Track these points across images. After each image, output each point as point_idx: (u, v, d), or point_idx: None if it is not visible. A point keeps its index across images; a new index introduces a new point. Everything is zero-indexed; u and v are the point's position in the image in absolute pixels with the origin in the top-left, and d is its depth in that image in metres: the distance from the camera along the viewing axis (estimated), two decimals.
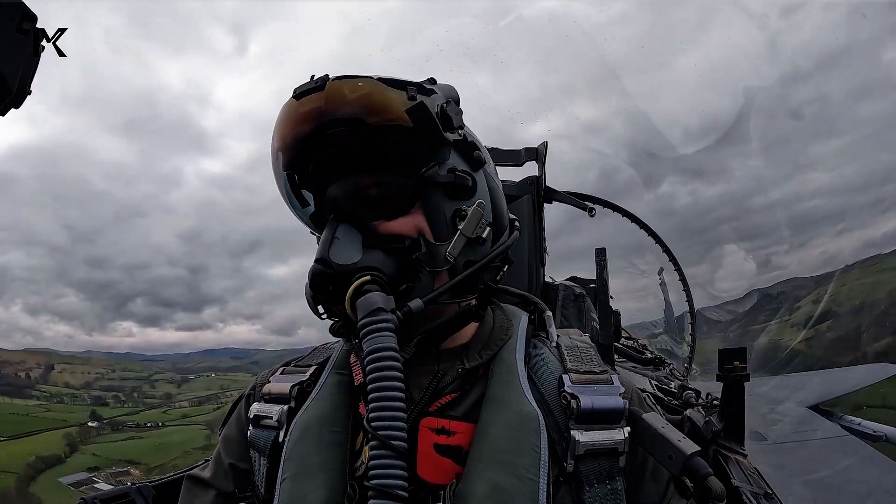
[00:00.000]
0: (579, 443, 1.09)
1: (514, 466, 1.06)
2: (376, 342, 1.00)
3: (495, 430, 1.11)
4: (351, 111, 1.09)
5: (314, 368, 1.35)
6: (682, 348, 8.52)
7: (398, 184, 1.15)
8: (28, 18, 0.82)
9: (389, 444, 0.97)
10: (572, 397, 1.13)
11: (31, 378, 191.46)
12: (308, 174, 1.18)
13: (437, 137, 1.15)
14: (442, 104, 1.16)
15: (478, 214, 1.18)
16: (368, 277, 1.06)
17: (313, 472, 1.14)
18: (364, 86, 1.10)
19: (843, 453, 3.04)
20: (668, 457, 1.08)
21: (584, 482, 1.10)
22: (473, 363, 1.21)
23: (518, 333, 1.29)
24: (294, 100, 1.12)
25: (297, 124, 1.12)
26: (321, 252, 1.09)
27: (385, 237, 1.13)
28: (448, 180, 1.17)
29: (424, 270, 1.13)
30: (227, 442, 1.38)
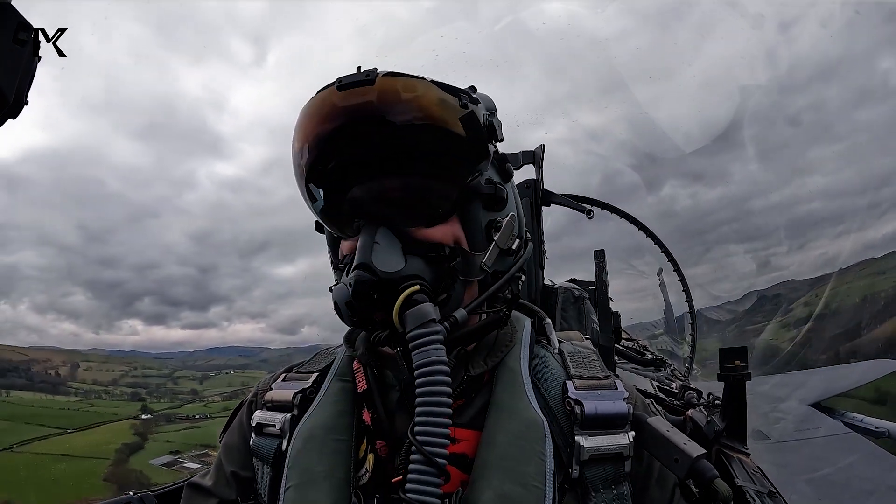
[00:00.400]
0: (584, 448, 1.10)
1: (520, 474, 1.06)
2: (428, 355, 1.00)
3: (501, 438, 1.11)
4: (404, 111, 1.07)
5: (316, 375, 1.34)
6: (683, 348, 8.52)
7: (443, 191, 1.14)
8: (24, 28, 0.83)
9: (434, 462, 0.96)
10: (576, 403, 1.13)
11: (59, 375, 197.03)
12: (334, 170, 1.14)
13: (484, 148, 1.15)
14: (486, 115, 1.16)
15: (510, 226, 1.21)
16: (418, 287, 1.05)
17: (317, 481, 1.14)
18: (419, 87, 1.09)
19: (845, 450, 3.04)
20: (675, 460, 1.09)
21: (589, 488, 1.10)
22: (478, 370, 1.21)
23: (522, 340, 1.29)
24: (336, 90, 1.08)
25: (338, 117, 1.09)
26: (363, 257, 1.07)
27: (424, 244, 1.12)
28: (489, 191, 1.17)
29: (458, 280, 1.14)
30: (228, 450, 1.37)
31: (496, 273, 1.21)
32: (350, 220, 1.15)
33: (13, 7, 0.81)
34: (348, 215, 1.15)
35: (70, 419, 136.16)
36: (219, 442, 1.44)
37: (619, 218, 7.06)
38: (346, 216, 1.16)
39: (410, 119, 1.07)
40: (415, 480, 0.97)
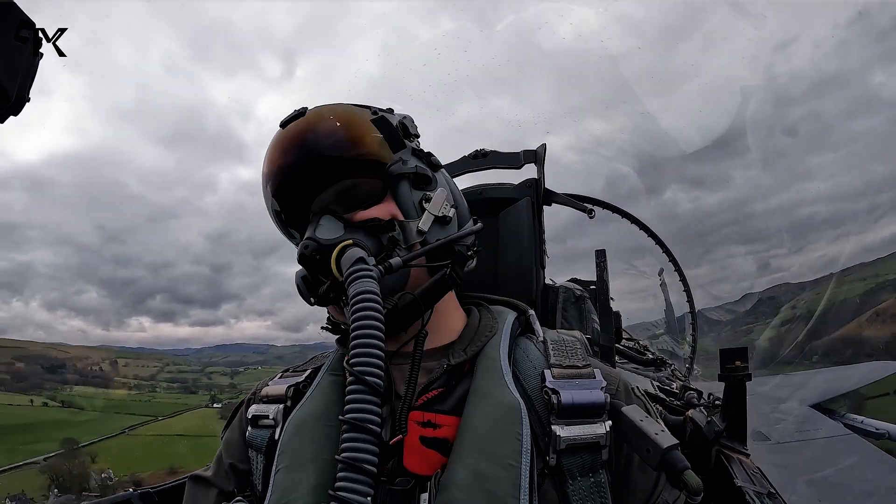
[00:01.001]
0: (560, 437, 1.13)
1: (496, 454, 1.10)
2: (359, 286, 1.07)
3: (478, 421, 1.15)
4: (327, 127, 1.27)
5: (310, 371, 1.44)
6: (684, 348, 8.52)
7: (368, 180, 1.29)
8: (26, 26, 0.83)
9: (364, 380, 1.01)
10: (553, 392, 1.18)
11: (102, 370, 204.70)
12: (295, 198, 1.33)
13: (398, 141, 1.33)
14: (401, 119, 1.37)
15: (441, 196, 1.35)
16: (351, 241, 1.18)
17: (305, 463, 1.19)
18: (339, 108, 1.31)
19: (846, 451, 3.03)
20: (646, 450, 1.11)
21: (566, 476, 1.14)
22: (458, 359, 1.28)
23: (504, 330, 1.35)
24: (280, 127, 1.32)
25: (284, 149, 1.29)
26: (308, 234, 1.24)
27: (362, 221, 1.26)
28: (411, 171, 1.32)
29: (400, 246, 1.26)
30: (227, 444, 1.45)
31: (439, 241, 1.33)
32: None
33: (15, 5, 0.81)
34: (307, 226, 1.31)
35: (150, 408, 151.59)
36: (220, 438, 1.51)
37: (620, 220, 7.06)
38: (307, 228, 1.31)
39: (333, 132, 1.28)
40: (351, 401, 1.01)
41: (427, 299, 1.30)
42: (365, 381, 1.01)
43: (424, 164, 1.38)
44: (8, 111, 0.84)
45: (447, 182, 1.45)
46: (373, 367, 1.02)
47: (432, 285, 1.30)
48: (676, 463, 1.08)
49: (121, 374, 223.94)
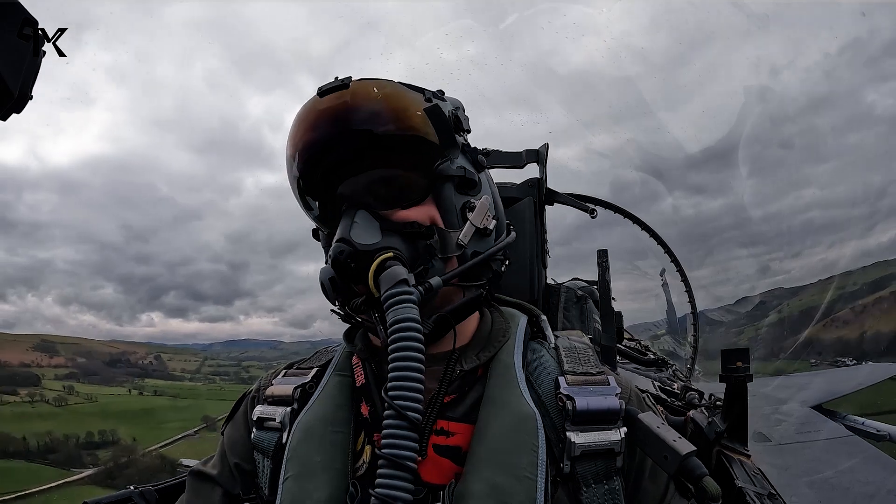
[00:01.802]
0: (575, 444, 1.11)
1: (512, 466, 1.08)
2: (400, 313, 1.03)
3: (493, 431, 1.13)
4: (375, 108, 1.16)
5: (316, 370, 1.38)
6: (685, 349, 8.50)
7: (414, 176, 1.20)
8: (29, 23, 0.83)
9: (405, 415, 0.98)
10: (568, 399, 1.15)
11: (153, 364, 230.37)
12: (323, 172, 1.22)
13: (449, 137, 1.23)
14: (452, 109, 1.25)
15: (485, 206, 1.26)
16: (391, 254, 1.10)
17: (315, 472, 1.16)
18: (388, 86, 1.18)
19: (846, 453, 3.03)
20: (664, 457, 1.10)
21: (581, 483, 1.12)
22: (471, 365, 1.24)
23: (517, 335, 1.31)
24: (317, 96, 1.18)
25: (319, 120, 1.17)
26: (342, 233, 1.14)
27: (400, 223, 1.17)
28: (458, 174, 1.23)
29: (437, 256, 1.18)
30: (231, 441, 1.40)
31: (476, 253, 1.24)
32: (336, 216, 1.21)
33: (18, 3, 0.81)
34: (334, 211, 1.22)
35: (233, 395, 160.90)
36: (221, 433, 1.47)
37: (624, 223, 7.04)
38: (332, 213, 1.22)
39: (381, 114, 1.16)
40: (388, 436, 0.98)
41: (457, 316, 1.25)
42: (406, 416, 0.99)
43: (471, 165, 1.29)
44: (11, 108, 0.84)
45: (490, 185, 1.35)
46: (413, 401, 0.99)
47: (466, 304, 1.26)
48: (695, 469, 1.07)
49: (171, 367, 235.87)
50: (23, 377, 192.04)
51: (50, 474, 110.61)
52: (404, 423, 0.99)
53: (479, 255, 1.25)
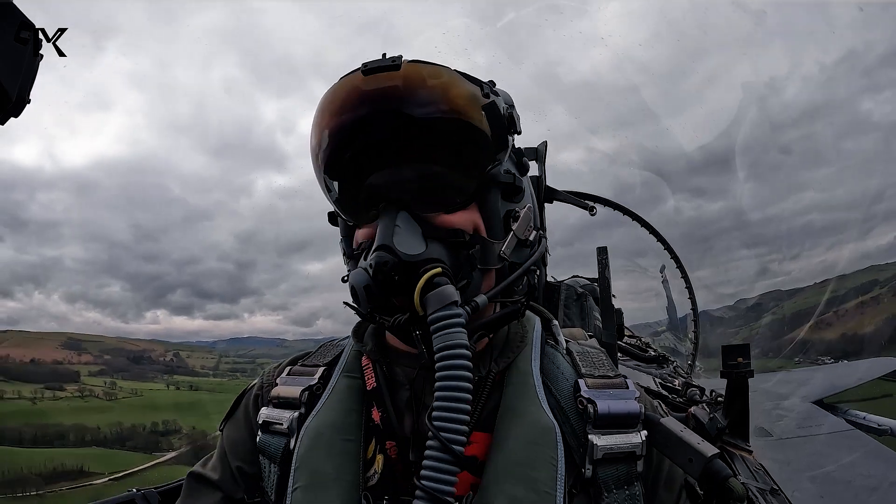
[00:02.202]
0: (597, 447, 1.08)
1: (532, 480, 1.05)
2: (450, 338, 0.97)
3: (512, 443, 1.09)
4: (428, 98, 1.06)
5: (323, 370, 1.30)
6: (685, 345, 8.50)
7: (463, 179, 1.12)
8: (26, 27, 0.83)
9: (450, 449, 0.93)
10: (589, 402, 1.11)
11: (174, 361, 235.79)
12: (353, 157, 1.13)
13: (504, 138, 1.14)
14: (506, 107, 1.16)
15: (528, 217, 1.20)
16: (440, 270, 1.02)
17: (326, 483, 1.12)
18: (444, 74, 1.08)
19: (848, 448, 3.03)
20: (689, 460, 1.08)
21: (602, 488, 1.09)
22: (491, 372, 1.19)
23: (534, 341, 1.27)
24: (361, 74, 1.07)
25: (363, 101, 1.08)
26: (384, 238, 1.04)
27: (444, 230, 1.10)
28: (507, 181, 1.16)
29: (477, 268, 1.12)
30: (233, 443, 1.32)
31: (513, 264, 1.18)
32: (368, 208, 1.13)
33: (15, 6, 0.81)
34: (367, 202, 1.13)
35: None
36: (219, 430, 1.40)
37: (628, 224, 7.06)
38: (365, 203, 1.13)
39: (435, 105, 1.06)
40: (430, 468, 0.93)
41: (491, 330, 1.20)
42: (451, 449, 0.93)
43: (516, 168, 1.21)
44: (9, 112, 0.84)
45: (530, 191, 1.28)
46: (459, 433, 0.94)
47: (501, 318, 1.19)
48: (721, 471, 1.06)
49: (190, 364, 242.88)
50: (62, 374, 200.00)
51: (135, 458, 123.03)
52: (448, 456, 0.93)
53: (519, 269, 1.19)
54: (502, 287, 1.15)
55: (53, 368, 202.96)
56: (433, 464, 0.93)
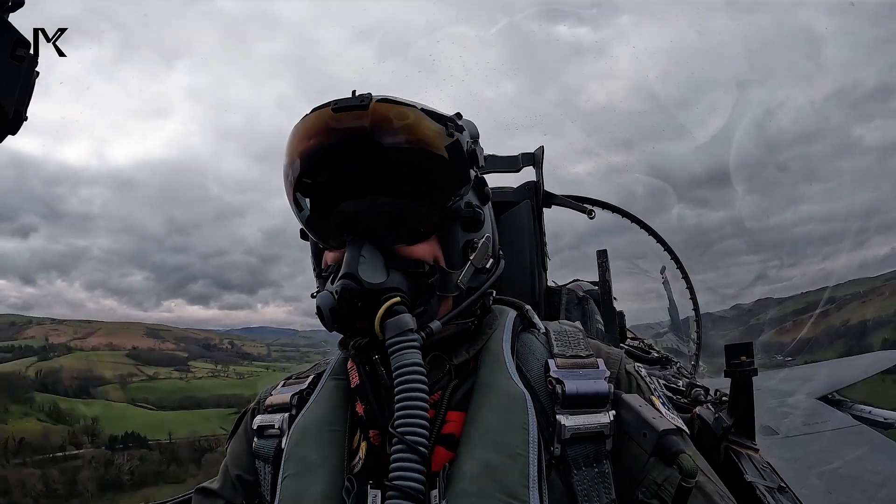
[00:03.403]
0: (565, 427, 1.14)
1: (504, 445, 1.11)
2: (405, 358, 1.08)
3: (484, 413, 1.16)
4: (394, 137, 1.15)
5: (313, 378, 1.43)
6: (688, 346, 8.50)
7: (425, 212, 1.21)
8: (22, 45, 0.83)
9: (415, 449, 1.04)
10: (557, 382, 1.18)
11: (233, 348, 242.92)
12: (323, 183, 1.22)
13: (466, 174, 1.24)
14: (470, 142, 1.25)
15: (486, 247, 1.29)
16: (398, 299, 1.14)
17: (312, 469, 1.19)
18: (410, 114, 1.17)
19: (854, 443, 3.01)
20: (643, 434, 1.12)
21: (571, 466, 1.14)
22: (462, 359, 1.28)
23: (505, 325, 1.35)
24: (331, 111, 1.17)
25: (331, 136, 1.17)
26: (349, 267, 1.14)
27: (406, 261, 1.20)
28: (467, 215, 1.25)
29: (435, 295, 1.23)
30: (233, 455, 1.45)
31: (470, 289, 1.29)
32: (336, 233, 1.23)
33: (10, 23, 0.81)
34: (336, 228, 1.23)
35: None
36: (225, 448, 1.51)
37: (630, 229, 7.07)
38: (334, 229, 1.23)
39: (400, 144, 1.16)
40: (398, 468, 1.03)
41: (448, 348, 1.30)
42: (417, 450, 1.04)
43: (477, 200, 1.31)
44: (6, 129, 0.84)
45: (490, 220, 1.37)
46: (421, 436, 1.05)
47: (456, 335, 1.31)
48: (671, 446, 1.08)
49: (247, 351, 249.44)
50: (174, 358, 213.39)
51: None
52: (414, 456, 1.04)
53: (474, 294, 1.30)
54: (456, 312, 1.26)
55: (162, 354, 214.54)
56: (400, 464, 1.03)
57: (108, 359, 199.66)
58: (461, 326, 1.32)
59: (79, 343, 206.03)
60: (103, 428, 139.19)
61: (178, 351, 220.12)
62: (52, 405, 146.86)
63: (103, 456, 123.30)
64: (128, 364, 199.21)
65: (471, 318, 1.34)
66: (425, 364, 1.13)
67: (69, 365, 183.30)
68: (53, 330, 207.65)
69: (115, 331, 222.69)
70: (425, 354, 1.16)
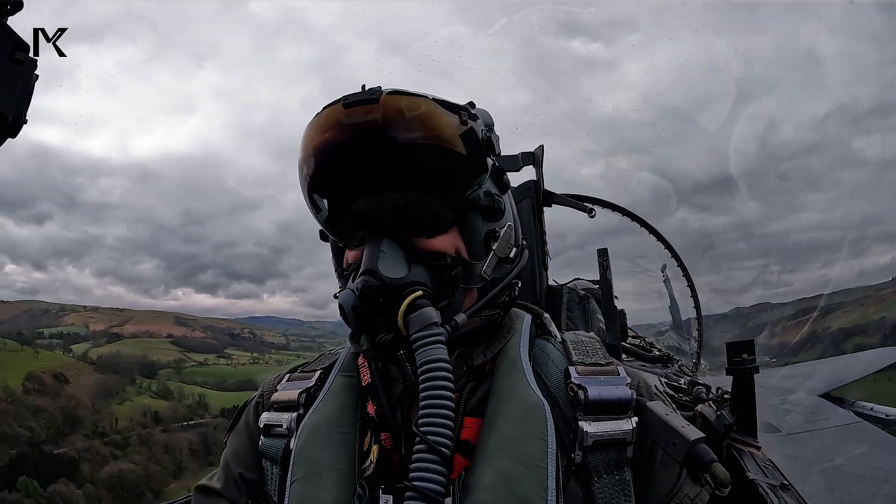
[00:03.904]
0: (587, 433, 1.12)
1: (522, 455, 1.08)
2: (430, 353, 1.05)
3: (501, 421, 1.13)
4: (407, 129, 1.13)
5: (319, 373, 1.38)
6: (690, 344, 8.48)
7: (443, 204, 1.18)
8: (20, 48, 0.83)
9: (438, 450, 1.01)
10: (579, 388, 1.15)
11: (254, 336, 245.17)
12: (338, 181, 1.20)
13: (482, 162, 1.21)
14: (484, 130, 1.22)
15: (508, 236, 1.26)
16: (421, 293, 1.10)
17: (322, 473, 1.16)
18: (422, 105, 1.14)
19: (856, 440, 3.01)
20: (672, 444, 1.10)
21: (592, 473, 1.12)
22: (479, 361, 1.25)
23: (522, 331, 1.31)
24: (342, 107, 1.14)
25: (343, 132, 1.14)
26: (369, 264, 1.12)
27: (426, 253, 1.17)
28: (487, 204, 1.22)
29: (459, 287, 1.19)
30: (234, 451, 1.41)
31: (494, 280, 1.25)
32: (354, 231, 1.20)
33: (9, 27, 0.81)
34: (352, 226, 1.20)
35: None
36: (224, 441, 1.47)
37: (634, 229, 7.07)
38: (351, 227, 1.20)
39: (413, 136, 1.13)
40: (419, 469, 1.00)
41: (473, 342, 1.27)
42: (439, 451, 1.01)
43: (496, 187, 1.27)
44: (5, 133, 0.84)
45: (511, 208, 1.34)
46: (445, 437, 1.02)
47: (481, 328, 1.28)
48: (704, 455, 1.07)
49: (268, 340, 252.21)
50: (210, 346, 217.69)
51: None
52: (437, 457, 1.01)
53: (499, 285, 1.26)
54: (482, 304, 1.23)
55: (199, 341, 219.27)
56: (421, 465, 1.00)
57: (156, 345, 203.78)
58: (487, 318, 1.28)
59: (118, 330, 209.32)
60: (209, 402, 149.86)
61: (208, 339, 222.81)
62: (158, 385, 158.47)
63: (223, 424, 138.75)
64: (174, 350, 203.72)
65: (497, 309, 1.31)
66: (451, 360, 1.09)
67: (125, 351, 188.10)
68: (90, 317, 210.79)
69: (146, 319, 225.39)
70: (451, 350, 1.13)
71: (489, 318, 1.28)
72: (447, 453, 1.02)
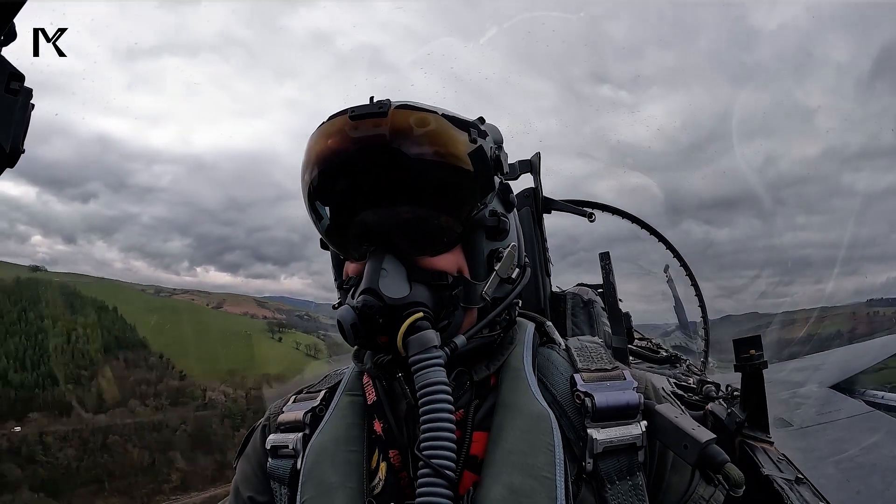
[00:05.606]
0: (597, 441, 1.11)
1: (530, 467, 1.07)
2: (430, 377, 1.03)
3: (507, 434, 1.12)
4: (415, 144, 1.10)
5: (324, 393, 1.37)
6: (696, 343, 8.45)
7: (449, 222, 1.16)
8: (16, 78, 0.83)
9: (442, 473, 0.99)
10: (586, 395, 1.14)
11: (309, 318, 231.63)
12: (342, 192, 1.17)
13: (490, 181, 1.19)
14: (493, 148, 1.19)
15: (511, 256, 1.23)
16: (421, 314, 1.09)
17: (331, 492, 1.15)
18: (431, 121, 1.12)
19: (869, 430, 2.98)
20: (684, 446, 1.09)
21: (604, 480, 1.11)
22: (482, 375, 1.23)
23: (525, 341, 1.31)
24: (349, 119, 1.11)
25: (350, 145, 1.11)
26: (370, 282, 1.10)
27: (428, 272, 1.15)
28: (492, 224, 1.19)
29: (460, 307, 1.18)
30: (244, 475, 1.39)
31: (495, 300, 1.23)
32: (356, 244, 1.18)
33: (3, 57, 0.82)
34: (356, 239, 1.18)
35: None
36: (234, 466, 1.46)
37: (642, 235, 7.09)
38: (353, 239, 1.18)
39: (421, 152, 1.10)
40: (424, 493, 0.99)
41: (472, 361, 1.25)
42: (443, 473, 1.00)
43: (502, 207, 1.25)
44: (3, 164, 0.84)
45: (516, 226, 1.32)
46: (447, 459, 1.00)
47: (481, 347, 1.25)
48: (716, 456, 1.07)
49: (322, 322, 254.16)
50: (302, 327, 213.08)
51: None
52: (440, 480, 1.00)
53: (500, 305, 1.24)
54: (481, 325, 1.21)
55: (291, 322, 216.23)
56: (426, 489, 0.99)
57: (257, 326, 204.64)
58: (486, 339, 1.25)
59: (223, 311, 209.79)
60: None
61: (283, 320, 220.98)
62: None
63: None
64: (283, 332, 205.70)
65: (496, 329, 1.29)
66: (450, 382, 1.08)
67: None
68: (191, 298, 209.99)
69: (235, 301, 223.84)
70: (450, 370, 1.12)
71: (489, 338, 1.26)
72: (452, 476, 1.01)
